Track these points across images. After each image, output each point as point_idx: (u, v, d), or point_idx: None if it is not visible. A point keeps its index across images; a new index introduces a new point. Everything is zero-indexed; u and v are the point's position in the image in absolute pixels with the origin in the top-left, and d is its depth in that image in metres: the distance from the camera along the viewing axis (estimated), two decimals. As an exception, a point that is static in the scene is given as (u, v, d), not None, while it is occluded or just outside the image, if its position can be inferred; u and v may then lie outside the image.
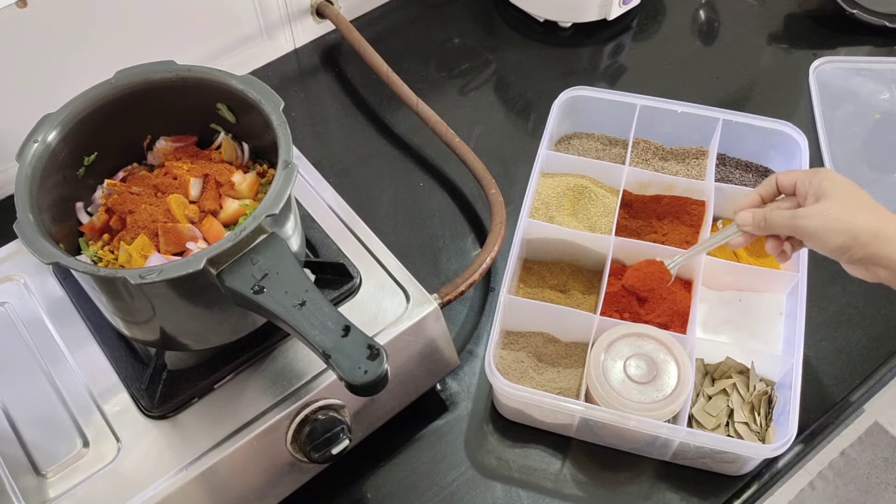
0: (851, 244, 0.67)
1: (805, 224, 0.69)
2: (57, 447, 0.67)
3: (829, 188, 0.69)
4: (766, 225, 0.73)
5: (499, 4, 1.21)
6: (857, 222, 0.67)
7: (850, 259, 0.68)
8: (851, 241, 0.67)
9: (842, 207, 0.68)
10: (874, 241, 0.66)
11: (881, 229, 0.66)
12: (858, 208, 0.68)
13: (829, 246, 0.68)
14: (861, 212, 0.67)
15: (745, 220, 0.75)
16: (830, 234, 0.68)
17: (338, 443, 0.70)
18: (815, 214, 0.69)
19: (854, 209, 0.68)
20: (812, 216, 0.69)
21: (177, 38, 1.02)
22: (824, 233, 0.68)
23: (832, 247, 0.68)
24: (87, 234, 0.71)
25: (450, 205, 0.99)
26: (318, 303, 0.59)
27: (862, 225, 0.66)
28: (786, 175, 0.74)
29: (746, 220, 0.75)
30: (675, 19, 1.20)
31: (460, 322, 0.89)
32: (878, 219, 0.67)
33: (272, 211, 0.60)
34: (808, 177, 0.71)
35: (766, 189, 0.76)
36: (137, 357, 0.72)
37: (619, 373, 0.75)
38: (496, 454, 0.80)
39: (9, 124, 0.91)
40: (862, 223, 0.67)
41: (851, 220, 0.67)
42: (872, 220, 0.67)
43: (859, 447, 1.79)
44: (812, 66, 1.10)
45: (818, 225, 0.68)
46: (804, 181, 0.71)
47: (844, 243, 0.67)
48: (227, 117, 0.74)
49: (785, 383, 0.77)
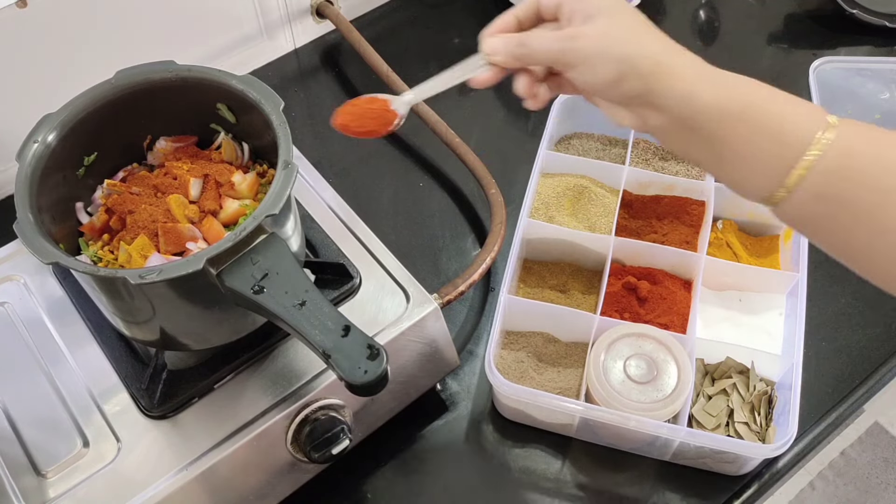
0: (628, 73, 0.53)
1: (576, 46, 0.54)
2: (57, 447, 0.67)
3: (605, 6, 0.54)
4: (524, 52, 0.57)
5: (499, 5, 1.21)
6: (639, 47, 0.53)
7: (621, 94, 0.54)
8: (629, 69, 0.52)
9: (622, 28, 0.53)
10: (655, 71, 0.52)
11: (663, 59, 0.53)
12: (640, 28, 0.54)
13: (600, 76, 0.54)
14: (643, 34, 0.54)
15: (495, 47, 0.58)
16: (604, 61, 0.53)
17: (338, 443, 0.70)
18: (585, 35, 0.54)
19: (640, 31, 0.54)
20: (585, 36, 0.54)
21: (177, 38, 1.02)
22: (598, 58, 0.53)
23: (603, 78, 0.54)
24: (87, 234, 0.71)
25: (450, 205, 0.99)
26: (318, 303, 0.59)
27: (644, 51, 0.53)
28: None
29: (496, 47, 0.58)
30: (675, 19, 1.20)
31: (460, 322, 0.89)
32: (662, 46, 0.53)
33: (272, 211, 0.60)
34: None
35: (526, 10, 0.59)
36: (137, 357, 0.72)
37: (619, 373, 0.75)
38: (496, 454, 0.80)
39: (9, 124, 0.91)
40: (645, 48, 0.53)
41: (633, 43, 0.53)
42: (654, 43, 0.53)
43: (859, 447, 1.79)
44: (812, 66, 1.10)
45: (593, 48, 0.53)
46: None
47: (620, 72, 0.53)
48: (227, 117, 0.74)
49: (785, 383, 0.77)
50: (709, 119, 0.52)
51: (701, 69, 0.53)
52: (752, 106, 0.51)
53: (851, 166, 0.48)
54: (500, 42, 0.58)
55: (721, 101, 0.52)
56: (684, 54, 0.54)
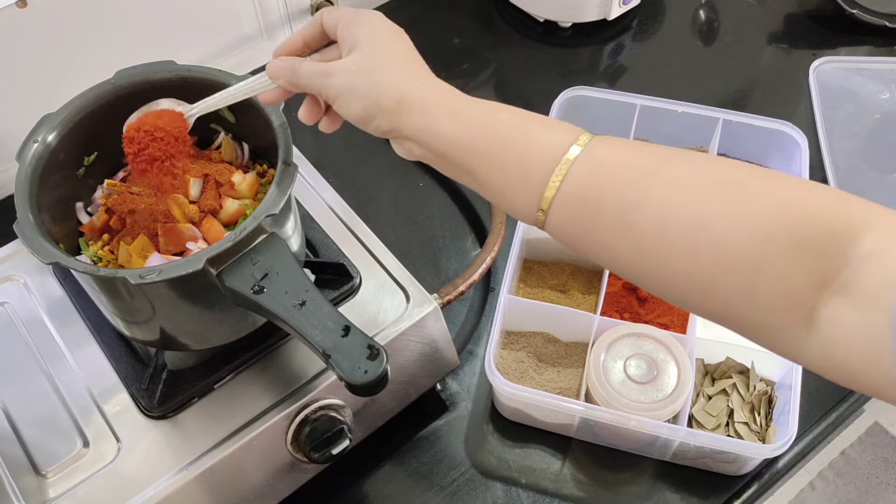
0: (375, 113, 0.53)
1: (329, 83, 0.54)
2: (57, 447, 0.67)
3: (364, 38, 0.54)
4: (295, 81, 0.57)
5: (499, 4, 1.21)
6: (382, 84, 0.53)
7: (374, 130, 0.55)
8: (374, 108, 0.53)
9: (372, 64, 0.54)
10: (398, 108, 0.53)
11: (406, 95, 0.53)
12: (390, 66, 0.54)
13: (351, 113, 0.55)
14: (390, 70, 0.54)
15: (276, 71, 0.58)
16: (352, 99, 0.54)
17: (338, 443, 0.70)
18: (340, 71, 0.54)
19: (386, 67, 0.54)
20: (338, 73, 0.54)
21: (177, 38, 1.02)
22: (347, 95, 0.54)
23: (354, 115, 0.54)
24: (87, 234, 0.71)
25: (450, 205, 0.99)
26: (318, 303, 0.59)
27: (387, 88, 0.53)
28: (331, 12, 0.58)
29: (276, 71, 0.58)
30: (675, 19, 1.20)
31: (460, 322, 0.89)
32: (407, 81, 0.53)
33: (272, 211, 0.60)
34: (350, 19, 0.56)
35: (311, 31, 0.59)
36: (137, 357, 0.72)
37: (619, 373, 0.75)
38: (496, 454, 0.80)
39: (9, 124, 0.91)
40: (388, 85, 0.53)
41: (378, 81, 0.53)
42: (401, 80, 0.53)
43: (859, 447, 1.79)
44: (812, 66, 1.10)
45: (342, 85, 0.54)
46: (345, 26, 0.56)
47: (366, 111, 0.53)
48: (227, 117, 0.74)
49: (785, 383, 0.77)
50: (456, 152, 0.53)
51: (448, 102, 0.53)
52: (493, 136, 0.52)
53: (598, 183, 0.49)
54: (279, 67, 0.58)
55: (464, 135, 0.52)
56: (433, 87, 0.54)
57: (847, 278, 0.42)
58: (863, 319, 0.41)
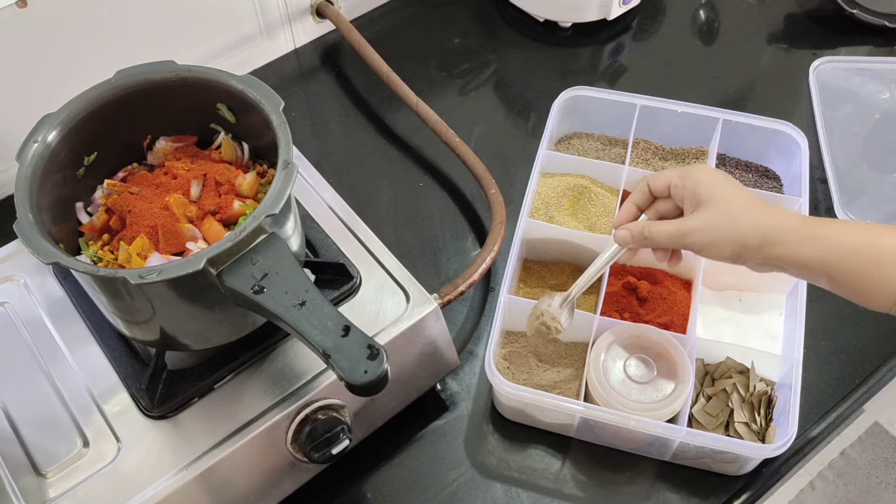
0: (741, 252, 0.65)
1: (691, 241, 0.67)
2: (57, 447, 0.67)
3: (705, 195, 0.66)
4: (649, 243, 0.70)
5: (499, 4, 1.21)
6: (741, 230, 0.64)
7: (745, 263, 0.66)
8: (741, 249, 0.64)
9: (723, 216, 0.65)
10: (763, 245, 0.64)
11: (767, 233, 0.64)
12: (741, 212, 0.65)
13: (721, 257, 0.66)
14: (744, 216, 0.65)
15: (623, 238, 0.71)
16: (719, 248, 0.65)
17: (338, 443, 0.70)
18: (698, 230, 0.66)
19: (736, 215, 0.65)
20: (696, 232, 0.66)
21: (177, 38, 1.02)
22: (713, 247, 0.66)
23: (724, 258, 0.66)
24: (87, 234, 0.71)
25: (450, 205, 0.99)
26: (318, 303, 0.59)
27: (747, 231, 0.64)
28: (656, 178, 0.70)
29: (624, 238, 0.71)
30: (675, 19, 1.20)
31: (460, 322, 0.89)
32: (760, 220, 0.64)
33: (272, 211, 0.60)
34: (681, 180, 0.68)
35: (640, 196, 0.72)
36: (137, 357, 0.72)
37: (619, 373, 0.75)
38: (496, 454, 0.80)
39: (9, 124, 0.91)
40: (746, 229, 0.64)
41: (735, 229, 0.64)
42: (755, 222, 0.64)
43: (859, 447, 1.79)
44: (812, 66, 1.10)
45: (706, 240, 0.66)
46: (678, 185, 0.68)
47: (734, 253, 0.65)
48: (227, 117, 0.74)
49: (785, 383, 0.77)
50: (817, 266, 0.63)
51: (802, 229, 0.63)
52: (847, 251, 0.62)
53: None
54: (627, 234, 0.71)
55: (821, 254, 0.63)
56: (781, 219, 0.64)
57: None
58: None
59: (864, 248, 0.62)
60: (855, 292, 0.63)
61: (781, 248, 0.63)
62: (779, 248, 0.64)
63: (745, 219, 0.64)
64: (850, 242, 0.62)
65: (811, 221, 0.65)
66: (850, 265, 0.62)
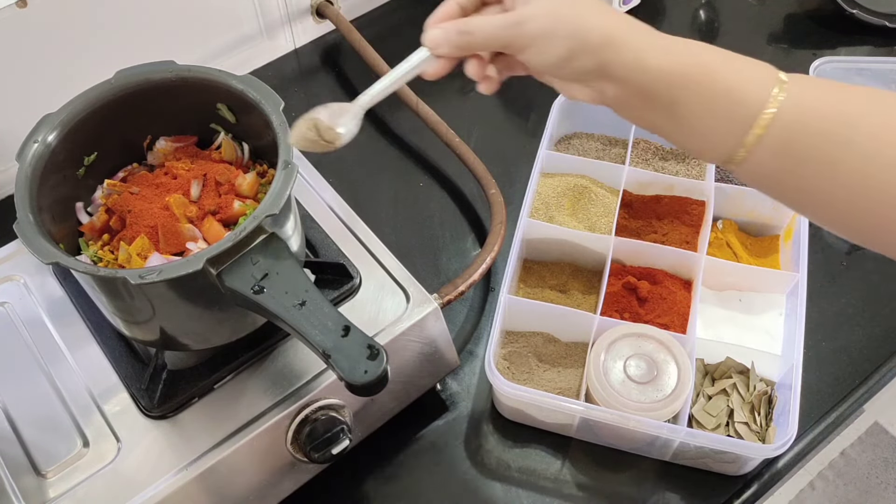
0: (578, 50, 0.52)
1: (523, 31, 0.53)
2: (57, 447, 0.67)
3: None
4: (467, 40, 0.55)
5: (499, 4, 1.21)
6: (588, 21, 0.52)
7: (573, 71, 0.54)
8: (579, 45, 0.52)
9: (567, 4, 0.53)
10: (605, 44, 0.52)
11: (613, 31, 0.52)
12: (586, 5, 0.53)
13: (551, 56, 0.53)
14: (591, 9, 0.53)
15: (436, 39, 0.56)
16: (554, 41, 0.53)
17: (338, 443, 0.70)
18: (535, 16, 0.53)
19: (582, 6, 0.53)
20: (532, 18, 0.53)
21: (177, 38, 1.02)
22: (547, 39, 0.53)
23: (555, 57, 0.53)
24: (87, 234, 0.71)
25: (450, 205, 0.99)
26: (318, 303, 0.59)
27: (593, 25, 0.52)
28: None
29: (437, 39, 0.56)
30: (675, 19, 1.20)
31: (460, 322, 0.89)
32: (610, 18, 0.53)
33: (272, 211, 0.60)
34: None
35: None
36: (137, 357, 0.72)
37: (619, 373, 0.75)
38: (496, 454, 0.80)
39: (9, 124, 0.91)
40: (594, 22, 0.52)
41: (580, 18, 0.52)
42: (604, 19, 0.53)
43: (859, 447, 1.79)
44: (812, 66, 1.10)
45: (540, 29, 0.53)
46: None
47: (570, 50, 0.52)
48: (227, 117, 0.74)
49: (785, 383, 0.77)
50: (663, 85, 0.52)
51: (651, 38, 0.53)
52: (704, 68, 0.51)
53: (807, 121, 0.49)
54: (440, 33, 0.56)
55: (673, 67, 0.51)
56: (633, 24, 0.53)
57: None
58: None
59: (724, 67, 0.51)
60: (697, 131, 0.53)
61: (628, 53, 0.52)
62: (624, 54, 0.52)
63: (591, 11, 0.53)
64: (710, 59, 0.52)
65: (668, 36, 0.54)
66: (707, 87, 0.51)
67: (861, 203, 0.48)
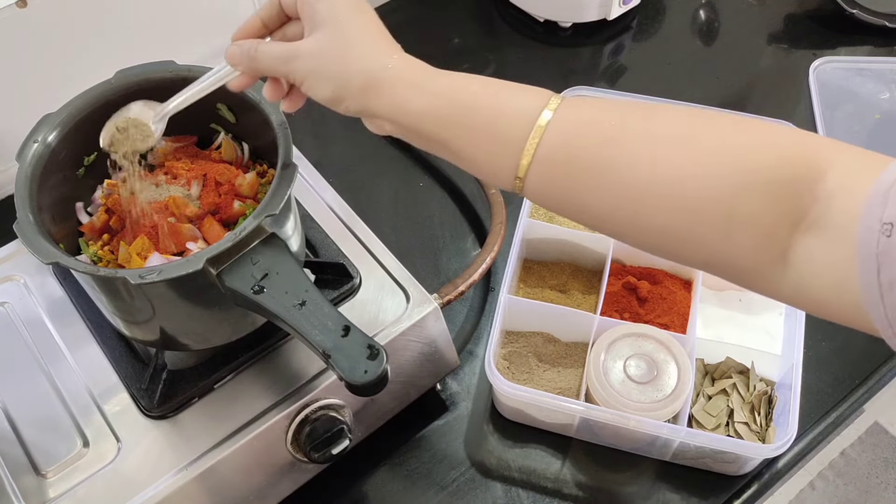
0: (343, 95, 0.53)
1: (294, 67, 0.54)
2: (57, 447, 0.67)
3: (326, 14, 0.53)
4: (256, 66, 0.57)
5: (499, 4, 1.21)
6: (350, 67, 0.53)
7: (345, 111, 0.55)
8: (343, 91, 0.53)
9: (335, 42, 0.53)
10: (366, 88, 0.53)
11: (374, 76, 0.52)
12: (356, 43, 0.53)
13: (320, 95, 0.55)
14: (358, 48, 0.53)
15: (232, 55, 0.58)
16: (320, 81, 0.54)
17: (338, 443, 0.70)
18: (304, 54, 0.54)
19: (352, 48, 0.53)
20: (301, 57, 0.54)
21: (177, 38, 1.02)
22: (315, 78, 0.54)
23: (323, 97, 0.55)
24: (87, 234, 0.71)
25: (450, 205, 0.99)
26: (318, 303, 0.59)
27: (355, 71, 0.52)
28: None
29: (233, 56, 0.58)
30: (675, 19, 1.20)
31: (460, 322, 0.89)
32: (373, 61, 0.53)
33: (272, 211, 0.60)
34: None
35: (269, 11, 0.58)
36: (137, 357, 0.72)
37: (619, 373, 0.75)
38: (496, 454, 0.80)
39: (9, 124, 0.90)
40: (355, 68, 0.52)
41: (344, 63, 0.53)
42: (369, 59, 0.53)
43: (859, 447, 1.79)
44: (812, 66, 1.10)
45: (308, 68, 0.54)
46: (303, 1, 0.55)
47: (335, 94, 0.54)
48: (227, 117, 0.74)
49: (785, 383, 0.77)
50: (426, 126, 0.53)
51: (414, 78, 0.53)
52: (463, 108, 0.52)
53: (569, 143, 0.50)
54: (237, 51, 0.57)
55: (431, 108, 0.52)
56: (399, 64, 0.53)
57: (816, 215, 0.44)
58: (832, 252, 0.43)
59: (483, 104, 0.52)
60: (475, 164, 0.53)
61: (388, 97, 0.52)
62: (384, 98, 0.52)
63: (359, 51, 0.53)
64: (467, 97, 0.52)
65: (434, 72, 0.54)
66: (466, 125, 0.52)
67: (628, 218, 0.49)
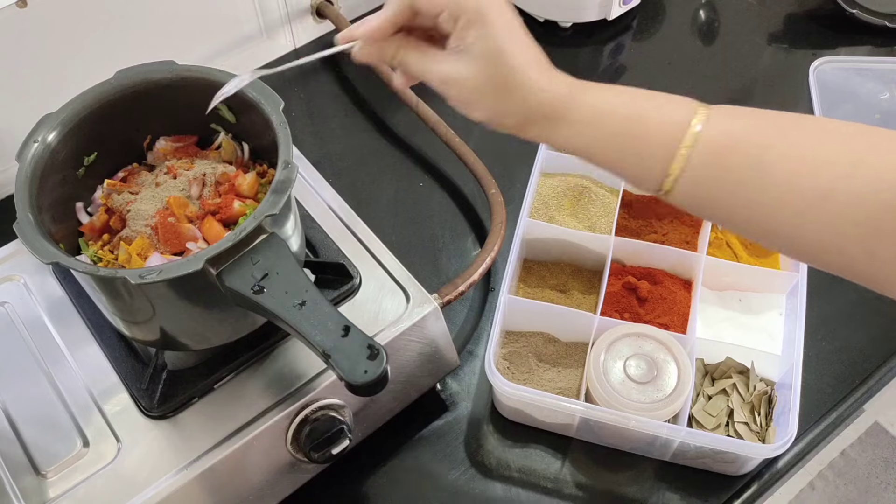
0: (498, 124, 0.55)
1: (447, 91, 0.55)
2: (57, 447, 0.67)
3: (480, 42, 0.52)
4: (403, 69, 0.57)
5: (499, 4, 1.21)
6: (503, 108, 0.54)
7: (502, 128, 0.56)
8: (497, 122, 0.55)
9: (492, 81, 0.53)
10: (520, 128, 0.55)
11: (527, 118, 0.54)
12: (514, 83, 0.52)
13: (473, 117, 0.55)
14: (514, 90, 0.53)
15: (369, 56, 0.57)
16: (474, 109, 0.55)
17: (338, 443, 0.70)
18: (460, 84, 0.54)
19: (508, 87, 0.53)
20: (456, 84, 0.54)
21: (177, 38, 1.02)
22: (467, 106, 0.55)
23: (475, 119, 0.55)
24: (87, 234, 0.71)
25: (450, 205, 0.99)
26: (318, 303, 0.59)
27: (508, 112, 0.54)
28: None
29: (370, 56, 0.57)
30: (675, 19, 1.20)
31: (460, 322, 0.89)
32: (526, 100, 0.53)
33: (272, 211, 0.60)
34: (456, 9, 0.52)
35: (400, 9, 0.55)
36: (137, 357, 0.72)
37: (619, 373, 0.75)
38: (496, 454, 0.80)
39: (9, 124, 0.91)
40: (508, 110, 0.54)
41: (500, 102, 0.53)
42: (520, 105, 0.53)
43: (859, 447, 1.79)
44: (812, 66, 1.10)
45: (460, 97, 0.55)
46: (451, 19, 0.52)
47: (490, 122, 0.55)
48: (227, 117, 0.74)
49: (785, 383, 0.77)
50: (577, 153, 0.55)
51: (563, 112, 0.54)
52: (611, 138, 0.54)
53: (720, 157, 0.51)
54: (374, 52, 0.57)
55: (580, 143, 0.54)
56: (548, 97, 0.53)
57: None
58: None
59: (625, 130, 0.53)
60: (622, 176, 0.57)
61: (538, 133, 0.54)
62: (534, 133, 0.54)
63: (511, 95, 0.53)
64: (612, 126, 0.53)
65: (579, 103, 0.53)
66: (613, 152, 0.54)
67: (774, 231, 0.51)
